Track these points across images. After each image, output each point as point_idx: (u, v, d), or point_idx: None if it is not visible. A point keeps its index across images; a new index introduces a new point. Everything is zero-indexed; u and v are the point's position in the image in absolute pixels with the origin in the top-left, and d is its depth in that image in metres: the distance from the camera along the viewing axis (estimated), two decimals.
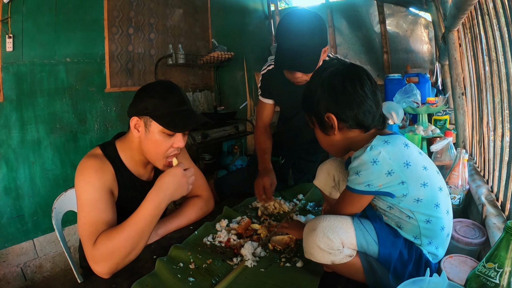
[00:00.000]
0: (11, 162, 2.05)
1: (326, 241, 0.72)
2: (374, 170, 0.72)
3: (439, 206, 0.76)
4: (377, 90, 0.81)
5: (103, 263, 0.86)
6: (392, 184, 0.73)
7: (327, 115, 0.80)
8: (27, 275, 2.12)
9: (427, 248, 0.78)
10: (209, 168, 3.18)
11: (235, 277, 0.88)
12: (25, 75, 2.08)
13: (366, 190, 0.74)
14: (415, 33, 3.57)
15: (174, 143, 1.01)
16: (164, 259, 0.91)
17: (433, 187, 0.76)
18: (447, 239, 0.81)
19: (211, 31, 3.43)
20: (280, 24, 1.24)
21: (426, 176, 0.76)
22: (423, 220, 0.76)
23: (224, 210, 1.27)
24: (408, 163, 0.74)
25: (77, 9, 2.29)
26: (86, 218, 0.91)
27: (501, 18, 0.94)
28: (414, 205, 0.75)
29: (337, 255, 0.73)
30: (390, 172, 0.72)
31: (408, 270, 0.75)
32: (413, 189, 0.74)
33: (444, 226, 0.78)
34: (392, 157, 0.73)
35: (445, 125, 1.98)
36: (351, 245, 0.75)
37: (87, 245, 0.88)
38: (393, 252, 0.75)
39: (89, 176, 0.95)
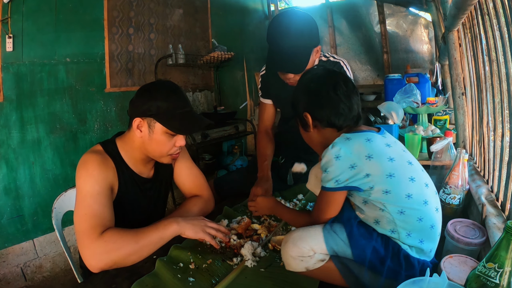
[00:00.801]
0: (11, 162, 2.05)
1: (296, 250, 0.77)
2: (338, 165, 0.78)
3: (412, 196, 0.77)
4: (354, 95, 0.88)
5: (104, 256, 0.86)
6: (357, 178, 0.77)
7: (304, 114, 0.90)
8: (27, 275, 2.12)
9: (409, 242, 0.77)
10: (209, 168, 3.18)
11: (235, 277, 0.88)
12: (25, 75, 2.08)
13: (336, 186, 0.79)
14: (415, 33, 3.57)
15: (176, 142, 1.04)
16: (164, 259, 0.91)
17: (401, 177, 0.78)
18: (433, 232, 0.79)
19: (211, 31, 3.43)
20: (270, 26, 1.25)
21: (392, 167, 0.78)
22: (396, 212, 0.76)
23: (224, 210, 1.27)
24: (370, 155, 0.78)
25: (77, 9, 2.29)
26: (87, 209, 0.92)
27: (501, 18, 0.94)
28: (384, 197, 0.77)
29: (308, 261, 0.77)
30: (353, 166, 0.77)
31: (387, 264, 0.75)
32: (379, 181, 0.77)
33: (422, 217, 0.77)
34: (353, 152, 0.78)
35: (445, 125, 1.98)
36: (322, 250, 0.77)
37: (89, 236, 0.88)
38: (366, 250, 0.75)
39: (92, 169, 0.96)
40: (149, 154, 1.06)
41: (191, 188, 1.25)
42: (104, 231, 0.89)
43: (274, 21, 1.25)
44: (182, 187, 1.27)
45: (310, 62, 1.29)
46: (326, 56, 1.43)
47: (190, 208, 1.18)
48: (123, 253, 0.87)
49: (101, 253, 0.86)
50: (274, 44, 1.24)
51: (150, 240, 0.92)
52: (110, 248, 0.87)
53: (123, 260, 0.88)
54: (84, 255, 0.87)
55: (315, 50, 1.29)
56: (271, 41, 1.25)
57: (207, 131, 2.78)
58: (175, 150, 1.05)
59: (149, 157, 1.08)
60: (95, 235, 0.88)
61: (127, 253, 0.88)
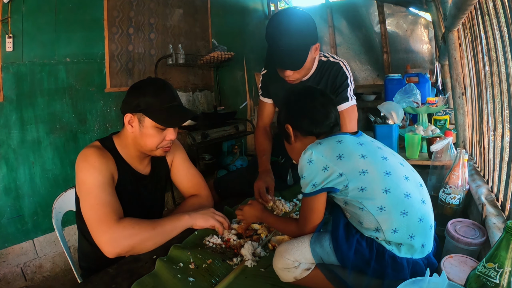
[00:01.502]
0: (11, 162, 2.05)
1: (282, 261, 0.82)
2: (312, 169, 0.82)
3: (390, 191, 0.77)
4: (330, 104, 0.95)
5: (122, 240, 0.91)
6: (331, 179, 0.80)
7: (286, 126, 0.96)
8: (27, 275, 2.12)
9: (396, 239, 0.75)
10: (209, 168, 3.18)
11: (235, 277, 0.88)
12: (25, 75, 2.08)
13: (314, 190, 0.82)
14: (415, 33, 3.58)
15: (166, 136, 1.07)
16: (164, 259, 0.91)
17: (375, 173, 0.79)
18: (423, 225, 0.77)
19: (211, 31, 3.43)
20: (268, 25, 1.27)
21: (364, 164, 0.80)
22: (375, 209, 0.76)
23: (224, 210, 1.27)
24: (341, 155, 0.81)
25: (77, 9, 2.29)
26: (97, 199, 0.95)
27: (501, 18, 0.94)
28: (361, 195, 0.78)
29: (294, 271, 0.81)
30: (326, 168, 0.80)
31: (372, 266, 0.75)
32: (353, 178, 0.78)
33: (406, 211, 0.76)
34: (324, 154, 0.82)
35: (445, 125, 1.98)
36: (306, 259, 0.80)
37: (106, 222, 0.92)
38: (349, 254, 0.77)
39: (93, 161, 0.99)
40: (141, 149, 1.09)
41: (189, 187, 1.27)
42: (120, 218, 0.94)
43: (272, 19, 1.27)
44: (180, 186, 1.28)
45: (309, 60, 1.30)
46: (326, 56, 1.44)
47: (189, 207, 1.19)
48: (141, 238, 0.93)
49: (120, 237, 0.91)
50: (272, 42, 1.26)
51: (164, 229, 0.98)
52: (129, 233, 0.92)
53: (140, 245, 0.94)
54: (102, 241, 0.91)
55: (314, 47, 1.30)
56: (270, 39, 1.26)
57: (207, 131, 2.78)
58: (165, 144, 1.09)
59: (143, 153, 1.11)
60: (112, 221, 0.92)
61: (145, 238, 0.94)
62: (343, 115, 1.38)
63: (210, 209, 1.11)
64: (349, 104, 1.40)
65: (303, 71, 1.32)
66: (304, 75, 1.36)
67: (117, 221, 0.93)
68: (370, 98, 3.49)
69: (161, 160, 1.23)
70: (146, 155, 1.13)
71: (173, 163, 1.26)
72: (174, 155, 1.26)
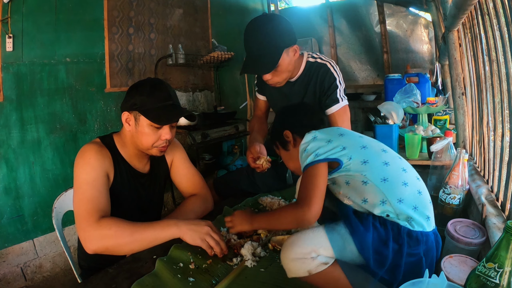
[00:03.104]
0: (11, 162, 2.05)
1: (296, 250, 0.74)
2: (316, 142, 0.87)
3: (389, 164, 0.82)
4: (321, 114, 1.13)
5: (98, 240, 0.91)
6: (335, 151, 0.83)
7: (285, 133, 1.01)
8: (27, 275, 2.12)
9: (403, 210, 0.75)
10: (209, 168, 3.18)
11: (235, 277, 0.88)
12: (25, 75, 2.08)
13: (316, 159, 0.83)
14: (415, 33, 3.58)
15: (162, 135, 1.08)
16: (164, 259, 0.91)
17: (373, 149, 0.86)
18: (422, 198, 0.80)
19: (211, 31, 3.43)
20: (244, 33, 1.31)
21: (363, 142, 0.88)
22: (379, 180, 0.79)
23: (224, 210, 1.27)
24: (342, 134, 0.90)
25: (77, 9, 2.29)
26: (84, 194, 0.96)
27: (501, 18, 0.94)
28: (363, 167, 0.81)
29: (310, 263, 0.73)
30: (330, 140, 0.86)
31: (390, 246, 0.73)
32: (355, 152, 0.84)
33: (406, 182, 0.80)
34: (327, 133, 0.91)
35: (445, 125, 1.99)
36: (325, 251, 0.74)
37: (87, 219, 0.93)
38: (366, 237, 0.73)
39: (88, 157, 1.01)
40: (138, 147, 1.11)
41: (188, 187, 1.27)
42: (102, 217, 0.94)
43: (246, 27, 1.30)
44: (180, 186, 1.28)
45: (286, 62, 1.31)
46: (314, 57, 1.44)
47: (188, 207, 1.19)
48: (116, 242, 0.91)
49: (96, 237, 0.91)
50: (246, 48, 1.31)
51: (144, 237, 0.94)
52: (104, 234, 0.91)
53: (115, 248, 0.92)
54: (81, 237, 0.93)
55: (291, 50, 1.31)
56: (245, 47, 1.31)
57: (207, 131, 2.78)
58: (160, 143, 1.09)
59: (142, 151, 1.12)
60: (92, 220, 0.92)
61: (120, 243, 0.92)
62: (335, 118, 1.39)
63: (205, 227, 0.96)
64: (340, 106, 1.39)
65: (282, 74, 1.33)
66: (286, 77, 1.37)
67: (96, 219, 0.92)
68: (370, 98, 3.49)
69: (161, 160, 1.23)
70: (145, 153, 1.14)
71: (173, 162, 1.27)
72: (174, 155, 1.26)
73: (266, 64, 1.27)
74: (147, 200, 1.20)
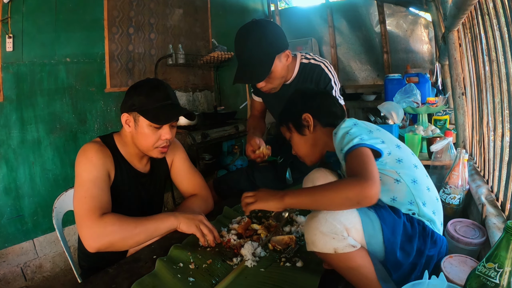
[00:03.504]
0: (11, 162, 2.05)
1: (328, 225, 0.69)
2: (358, 128, 0.84)
3: (417, 167, 0.84)
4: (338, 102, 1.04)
5: (102, 237, 0.91)
6: (376, 142, 0.80)
7: (304, 115, 0.97)
8: (27, 275, 2.12)
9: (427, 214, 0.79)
10: (209, 168, 3.18)
11: (235, 277, 0.88)
12: (25, 75, 2.08)
13: (362, 142, 0.78)
14: (415, 33, 3.57)
15: (162, 135, 1.07)
16: (164, 259, 0.91)
17: (405, 149, 0.86)
18: (438, 204, 0.84)
19: (211, 31, 3.43)
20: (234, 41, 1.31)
21: (397, 140, 0.88)
22: (410, 181, 0.80)
23: (224, 210, 1.27)
24: (379, 129, 0.88)
25: (77, 9, 2.29)
26: (87, 192, 0.97)
27: (501, 18, 0.94)
28: (398, 166, 0.81)
29: (340, 241, 0.69)
30: (370, 131, 0.85)
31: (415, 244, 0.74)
32: (392, 149, 0.83)
33: (429, 187, 0.83)
34: (365, 123, 0.88)
35: (445, 125, 1.98)
36: (357, 233, 0.71)
37: (89, 217, 0.93)
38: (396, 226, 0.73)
39: (91, 156, 1.02)
40: (139, 148, 1.11)
41: (189, 187, 1.27)
42: (104, 214, 0.94)
43: (236, 36, 1.30)
44: (180, 186, 1.28)
45: (279, 68, 1.31)
46: (308, 58, 1.44)
47: (188, 207, 1.19)
48: (121, 236, 0.92)
49: (100, 234, 0.91)
50: (236, 57, 1.31)
51: (147, 228, 0.96)
52: (109, 230, 0.92)
53: (119, 243, 0.93)
54: (83, 235, 0.92)
55: (283, 55, 1.31)
56: (236, 56, 1.31)
57: (207, 131, 2.78)
58: (161, 143, 1.09)
59: (142, 151, 1.12)
60: (95, 217, 0.93)
61: (124, 236, 0.93)
62: None
63: (199, 216, 1.03)
64: None
65: (275, 80, 1.33)
66: (279, 83, 1.37)
67: (100, 216, 0.93)
68: (370, 98, 3.49)
69: (161, 160, 1.23)
70: (145, 154, 1.14)
71: (173, 163, 1.27)
72: (175, 155, 1.26)
73: (259, 73, 1.27)
74: (147, 199, 1.20)
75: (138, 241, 0.97)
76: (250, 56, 1.25)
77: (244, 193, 0.87)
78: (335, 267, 0.75)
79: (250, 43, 1.25)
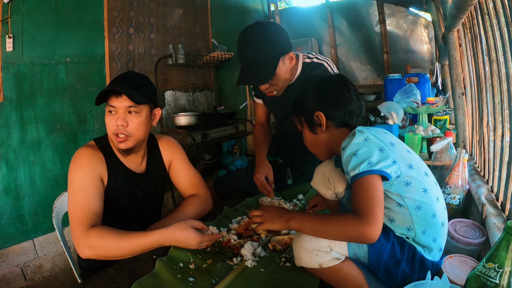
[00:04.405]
0: (11, 162, 2.05)
1: (312, 242, 0.73)
2: (368, 147, 0.75)
3: (427, 191, 0.77)
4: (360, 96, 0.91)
5: (87, 249, 0.93)
6: (387, 163, 0.73)
7: (316, 113, 0.87)
8: (27, 275, 2.12)
9: (423, 241, 0.76)
10: (209, 168, 3.18)
11: (235, 277, 0.88)
12: (25, 75, 2.08)
13: (370, 169, 0.72)
14: (415, 33, 3.57)
15: (116, 120, 1.03)
16: (164, 259, 0.91)
17: (419, 170, 0.79)
18: (443, 230, 0.79)
19: (211, 31, 3.43)
20: (237, 44, 1.29)
21: (410, 158, 0.80)
22: (413, 207, 0.76)
23: (224, 210, 1.27)
24: (393, 143, 0.79)
25: (77, 9, 2.29)
26: (77, 202, 0.98)
27: (501, 18, 0.94)
28: (404, 190, 0.76)
29: (324, 256, 0.73)
30: (382, 149, 0.75)
31: (401, 268, 0.74)
32: (403, 170, 0.76)
33: (435, 214, 0.77)
34: (378, 137, 0.78)
35: (445, 125, 1.98)
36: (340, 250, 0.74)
37: (78, 228, 0.94)
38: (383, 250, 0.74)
39: (81, 163, 1.02)
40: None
41: (188, 187, 1.26)
42: (93, 225, 0.94)
43: (239, 37, 1.28)
44: (179, 186, 1.28)
45: (283, 70, 1.30)
46: (310, 58, 1.43)
47: (188, 208, 1.18)
48: (106, 250, 0.93)
49: (85, 246, 0.93)
50: (240, 59, 1.29)
51: (131, 248, 0.94)
52: (92, 245, 0.92)
53: (104, 257, 0.94)
54: (74, 243, 0.96)
55: (287, 57, 1.30)
56: (238, 57, 1.29)
57: (207, 131, 2.77)
58: (116, 129, 1.03)
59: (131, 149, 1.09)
60: (82, 229, 0.93)
61: (108, 254, 0.93)
62: None
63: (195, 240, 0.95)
64: None
65: (279, 82, 1.32)
66: (283, 85, 1.36)
67: (87, 229, 0.93)
68: (370, 98, 3.48)
69: (157, 159, 1.23)
70: (139, 153, 1.14)
71: (172, 163, 1.26)
72: (173, 155, 1.26)
73: (263, 75, 1.25)
74: (145, 200, 1.19)
75: (124, 256, 0.95)
76: (254, 58, 1.24)
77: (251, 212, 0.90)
78: (325, 280, 0.78)
79: (255, 45, 1.24)
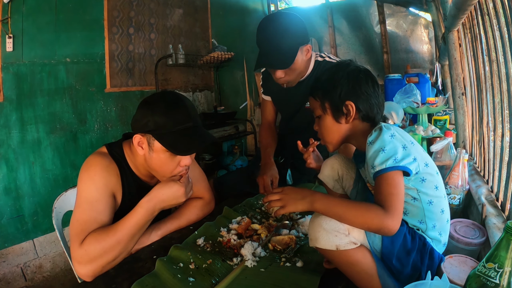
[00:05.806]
0: (11, 162, 2.05)
1: (332, 223, 0.74)
2: (395, 143, 0.76)
3: (438, 188, 0.81)
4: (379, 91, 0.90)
5: (89, 265, 0.86)
6: (409, 160, 0.75)
7: (347, 102, 0.84)
8: (27, 275, 2.12)
9: (432, 234, 0.79)
10: (209, 168, 3.18)
11: (235, 277, 0.88)
12: (25, 75, 2.08)
13: (395, 165, 0.73)
14: (415, 33, 3.57)
15: (181, 161, 0.95)
16: (164, 259, 0.91)
17: (432, 168, 0.82)
18: (448, 226, 0.83)
19: (211, 31, 3.43)
20: (257, 29, 1.29)
21: (426, 157, 0.82)
22: (426, 202, 0.79)
23: (224, 210, 1.27)
24: (412, 142, 0.81)
25: (77, 9, 2.29)
26: (80, 215, 0.91)
27: (501, 18, 0.94)
28: (420, 184, 0.79)
29: (342, 238, 0.73)
30: (404, 147, 0.77)
31: (412, 257, 0.76)
32: (422, 167, 0.78)
33: (443, 209, 0.81)
34: (401, 135, 0.80)
35: (445, 125, 1.98)
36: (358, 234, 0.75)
37: (74, 242, 0.88)
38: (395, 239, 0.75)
39: (93, 173, 0.93)
40: (153, 173, 1.00)
41: (194, 192, 1.24)
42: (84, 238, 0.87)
43: (261, 23, 1.30)
44: None
45: (299, 61, 1.31)
46: (322, 56, 1.45)
47: (190, 209, 1.18)
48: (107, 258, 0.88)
49: (86, 261, 0.86)
50: (260, 44, 1.29)
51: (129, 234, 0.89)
52: (92, 257, 0.86)
53: (110, 263, 0.89)
54: (73, 263, 0.88)
55: (305, 48, 1.32)
56: (258, 42, 1.30)
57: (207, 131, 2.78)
58: (180, 171, 0.96)
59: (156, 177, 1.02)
60: (77, 244, 0.87)
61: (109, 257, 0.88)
62: None
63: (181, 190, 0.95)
64: None
65: (294, 73, 1.33)
66: (296, 77, 1.37)
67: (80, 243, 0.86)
68: None
69: None
70: None
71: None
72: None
73: (283, 59, 1.26)
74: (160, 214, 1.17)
75: (126, 249, 0.90)
76: (276, 44, 1.25)
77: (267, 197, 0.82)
78: (336, 263, 0.79)
79: (278, 31, 1.25)
